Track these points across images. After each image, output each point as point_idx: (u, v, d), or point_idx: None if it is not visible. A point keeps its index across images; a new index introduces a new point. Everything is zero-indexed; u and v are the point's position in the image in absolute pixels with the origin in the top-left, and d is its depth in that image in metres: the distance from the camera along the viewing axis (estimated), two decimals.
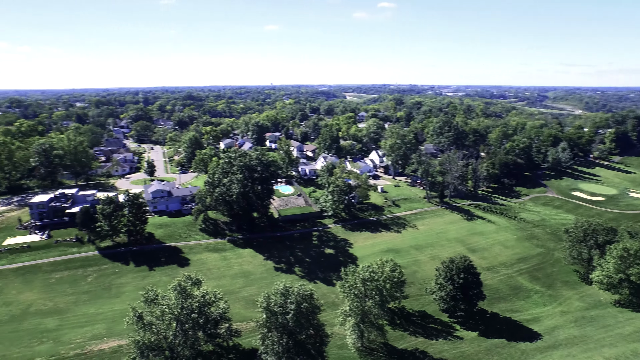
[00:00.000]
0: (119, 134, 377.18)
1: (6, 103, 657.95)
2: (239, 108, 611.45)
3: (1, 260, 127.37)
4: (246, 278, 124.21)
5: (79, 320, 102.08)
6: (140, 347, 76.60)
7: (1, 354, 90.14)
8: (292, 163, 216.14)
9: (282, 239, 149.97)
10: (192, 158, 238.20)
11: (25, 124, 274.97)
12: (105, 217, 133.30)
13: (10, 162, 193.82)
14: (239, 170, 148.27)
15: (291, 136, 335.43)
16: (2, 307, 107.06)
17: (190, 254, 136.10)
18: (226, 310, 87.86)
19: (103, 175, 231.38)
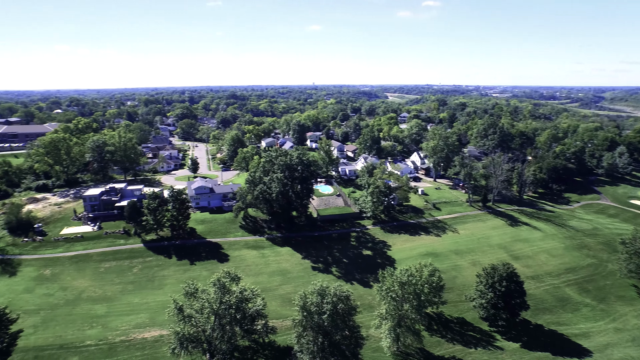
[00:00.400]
0: (166, 132, 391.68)
1: (67, 102, 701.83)
2: (281, 107, 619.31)
3: (59, 248, 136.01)
4: (283, 276, 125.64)
5: (125, 309, 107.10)
6: (180, 338, 79.36)
7: (58, 334, 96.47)
8: (332, 163, 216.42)
9: (320, 238, 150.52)
10: (234, 156, 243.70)
11: (82, 122, 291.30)
12: (150, 211, 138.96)
13: (68, 157, 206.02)
14: (280, 169, 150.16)
15: (332, 136, 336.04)
16: (59, 292, 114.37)
17: (229, 250, 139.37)
18: (263, 307, 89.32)
19: (150, 171, 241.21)
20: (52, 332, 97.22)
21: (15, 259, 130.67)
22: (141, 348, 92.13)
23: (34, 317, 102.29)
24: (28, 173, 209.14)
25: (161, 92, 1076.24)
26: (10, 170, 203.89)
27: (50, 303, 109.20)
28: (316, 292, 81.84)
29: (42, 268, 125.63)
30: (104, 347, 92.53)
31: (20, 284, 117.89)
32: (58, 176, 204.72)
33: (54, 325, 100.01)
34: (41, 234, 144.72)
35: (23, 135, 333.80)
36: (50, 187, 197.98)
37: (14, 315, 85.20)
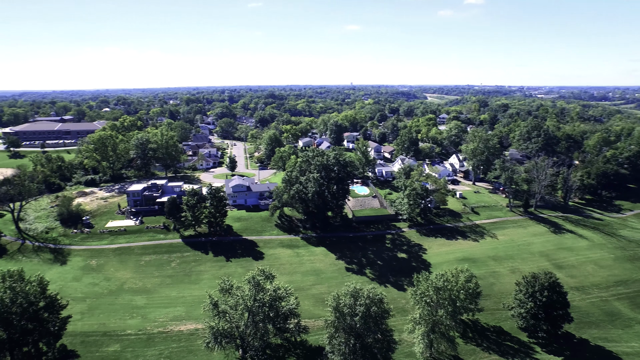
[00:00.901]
0: (205, 130, 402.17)
1: (114, 101, 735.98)
2: (319, 107, 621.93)
3: (104, 241, 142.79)
4: (317, 276, 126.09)
5: (163, 301, 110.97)
6: (215, 333, 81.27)
7: (101, 322, 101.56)
8: (368, 164, 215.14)
9: (354, 239, 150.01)
10: (271, 155, 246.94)
11: (127, 120, 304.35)
12: (189, 207, 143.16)
13: (115, 154, 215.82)
14: (316, 169, 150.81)
15: (369, 137, 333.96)
16: (103, 282, 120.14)
17: (264, 248, 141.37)
18: (296, 306, 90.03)
19: (189, 168, 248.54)
20: (96, 320, 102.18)
21: (66, 248, 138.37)
22: (177, 340, 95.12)
23: (81, 304, 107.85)
24: (78, 168, 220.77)
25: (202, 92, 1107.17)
26: (63, 165, 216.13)
27: (95, 292, 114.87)
28: (349, 293, 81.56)
29: (89, 258, 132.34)
30: (143, 337, 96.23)
31: (70, 272, 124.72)
32: (105, 172, 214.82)
33: (98, 313, 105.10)
34: (89, 226, 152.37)
35: (75, 132, 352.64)
36: (97, 181, 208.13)
37: (64, 301, 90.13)
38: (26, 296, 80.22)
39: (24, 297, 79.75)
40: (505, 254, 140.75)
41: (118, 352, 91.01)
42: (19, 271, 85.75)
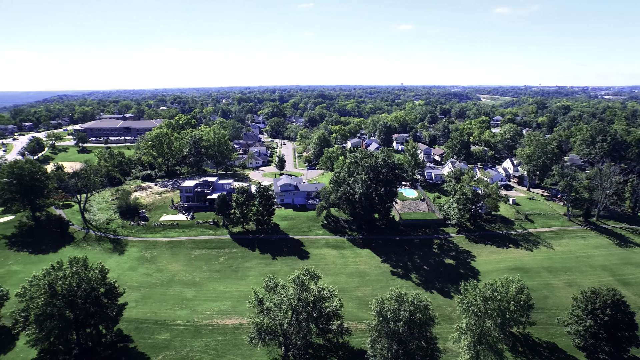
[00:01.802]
0: (256, 129, 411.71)
1: (170, 99, 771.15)
2: (368, 108, 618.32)
3: (157, 233, 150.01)
4: (362, 278, 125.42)
5: (210, 295, 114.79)
6: (259, 329, 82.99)
7: (153, 311, 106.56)
8: (418, 166, 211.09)
9: (401, 243, 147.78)
10: (319, 155, 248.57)
11: (182, 118, 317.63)
12: (238, 205, 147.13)
13: (170, 151, 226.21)
14: (364, 170, 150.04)
15: (419, 139, 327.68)
16: (156, 273, 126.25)
17: (310, 248, 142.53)
18: (339, 307, 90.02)
19: (239, 166, 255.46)
20: (149, 308, 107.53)
21: (124, 239, 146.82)
22: (223, 333, 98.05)
23: (136, 293, 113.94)
24: (137, 164, 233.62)
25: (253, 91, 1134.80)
26: (124, 160, 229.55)
27: (149, 282, 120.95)
28: (394, 298, 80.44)
29: (144, 250, 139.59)
30: (191, 328, 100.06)
31: (127, 262, 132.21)
32: (160, 167, 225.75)
33: (150, 302, 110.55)
34: (144, 219, 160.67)
35: (135, 129, 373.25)
36: (153, 177, 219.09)
37: (121, 289, 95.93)
38: (89, 282, 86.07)
39: (87, 283, 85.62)
40: (562, 266, 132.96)
41: (168, 340, 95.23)
42: (83, 258, 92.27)
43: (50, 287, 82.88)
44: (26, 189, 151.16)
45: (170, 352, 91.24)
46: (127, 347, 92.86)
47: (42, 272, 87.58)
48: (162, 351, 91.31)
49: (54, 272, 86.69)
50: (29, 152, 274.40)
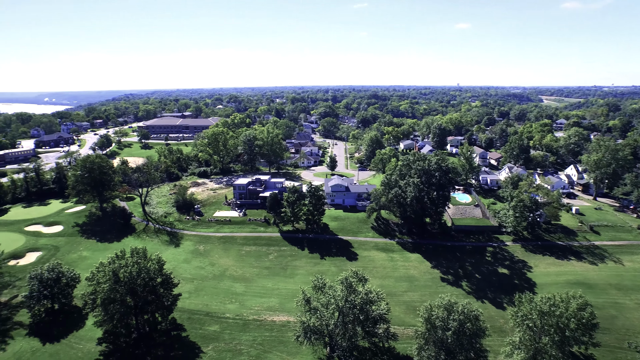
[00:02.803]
0: (308, 129, 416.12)
1: (227, 99, 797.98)
2: (422, 109, 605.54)
3: (211, 228, 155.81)
4: (410, 283, 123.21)
5: (259, 291, 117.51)
6: (305, 328, 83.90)
7: (205, 303, 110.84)
8: (472, 171, 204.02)
9: (452, 249, 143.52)
10: (371, 157, 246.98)
11: (237, 117, 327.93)
12: (289, 204, 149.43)
13: (225, 149, 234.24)
14: (417, 173, 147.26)
15: (474, 142, 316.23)
16: (208, 266, 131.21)
17: (359, 250, 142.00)
18: (386, 311, 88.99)
19: (291, 165, 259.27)
20: (201, 300, 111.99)
21: (179, 233, 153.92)
22: (270, 329, 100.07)
23: (189, 284, 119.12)
24: (193, 160, 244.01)
25: (307, 91, 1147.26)
26: (181, 157, 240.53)
27: (201, 275, 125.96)
28: (443, 306, 78.37)
29: (198, 244, 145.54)
30: (240, 322, 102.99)
31: (182, 254, 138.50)
32: (215, 165, 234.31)
33: (202, 294, 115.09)
34: (199, 214, 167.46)
35: (193, 127, 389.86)
36: (208, 173, 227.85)
37: (176, 280, 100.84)
38: (148, 272, 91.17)
39: (146, 273, 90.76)
40: (634, 284, 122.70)
41: (217, 332, 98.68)
42: (143, 249, 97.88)
43: (114, 274, 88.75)
44: (96, 181, 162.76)
45: (220, 343, 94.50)
46: (179, 336, 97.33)
47: (108, 260, 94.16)
48: (211, 342, 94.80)
49: (117, 261, 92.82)
50: (98, 147, 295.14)
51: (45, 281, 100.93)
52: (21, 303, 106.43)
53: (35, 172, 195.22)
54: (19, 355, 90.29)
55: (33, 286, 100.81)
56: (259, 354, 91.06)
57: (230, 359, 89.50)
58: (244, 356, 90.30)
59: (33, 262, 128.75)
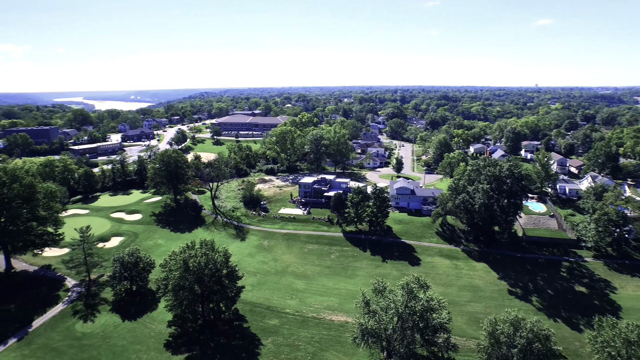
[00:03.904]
0: (375, 129, 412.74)
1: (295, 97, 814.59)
2: (495, 111, 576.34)
3: (275, 225, 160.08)
4: (474, 293, 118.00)
5: (319, 289, 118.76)
6: (363, 330, 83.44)
7: (266, 297, 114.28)
8: (549, 179, 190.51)
9: (522, 260, 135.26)
10: (439, 160, 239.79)
11: (305, 116, 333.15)
12: (353, 204, 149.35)
13: (292, 147, 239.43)
14: (486, 179, 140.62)
15: (552, 147, 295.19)
16: (271, 262, 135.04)
17: (422, 255, 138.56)
18: (447, 320, 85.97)
19: (357, 166, 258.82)
20: (262, 294, 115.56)
21: (246, 227, 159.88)
22: (328, 328, 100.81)
23: (252, 278, 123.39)
24: (261, 157, 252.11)
25: (375, 91, 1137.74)
26: (250, 154, 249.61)
27: (264, 269, 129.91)
28: (509, 321, 74.19)
29: (262, 239, 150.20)
30: (299, 318, 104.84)
31: (247, 249, 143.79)
32: (282, 162, 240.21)
33: (264, 289, 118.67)
34: (265, 210, 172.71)
35: (262, 125, 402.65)
36: (275, 171, 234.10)
37: (240, 273, 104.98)
38: (214, 263, 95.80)
39: (213, 264, 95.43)
40: None
41: (277, 326, 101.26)
42: (211, 241, 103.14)
43: (185, 263, 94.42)
44: (171, 175, 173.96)
45: (278, 337, 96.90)
46: (241, 326, 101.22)
47: (179, 249, 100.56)
48: (271, 336, 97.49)
49: (188, 251, 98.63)
50: (175, 142, 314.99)
51: (126, 264, 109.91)
52: (106, 282, 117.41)
53: (121, 164, 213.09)
54: (104, 328, 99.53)
55: (116, 268, 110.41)
56: (315, 352, 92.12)
57: (288, 353, 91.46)
58: (301, 352, 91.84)
59: (116, 246, 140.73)
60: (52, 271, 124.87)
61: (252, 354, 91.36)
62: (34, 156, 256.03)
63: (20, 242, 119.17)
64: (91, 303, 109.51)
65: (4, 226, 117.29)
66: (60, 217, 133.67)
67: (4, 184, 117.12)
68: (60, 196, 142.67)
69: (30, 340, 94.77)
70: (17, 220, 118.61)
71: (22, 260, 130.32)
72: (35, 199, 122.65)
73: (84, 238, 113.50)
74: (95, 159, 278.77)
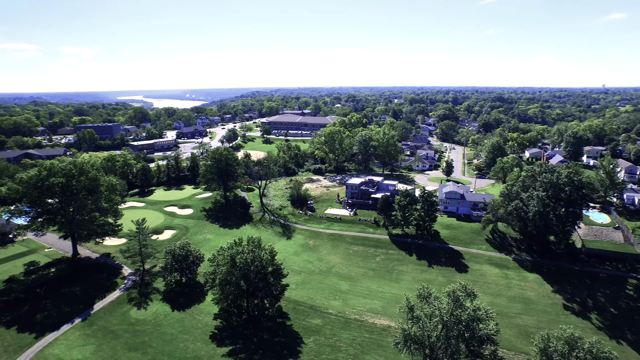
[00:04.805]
0: (425, 131, 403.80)
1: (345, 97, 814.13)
2: (555, 114, 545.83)
3: (321, 225, 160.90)
4: (525, 305, 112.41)
5: (363, 292, 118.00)
6: (406, 336, 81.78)
7: (310, 296, 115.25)
8: (614, 187, 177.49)
9: (581, 274, 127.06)
10: (491, 164, 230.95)
11: (354, 117, 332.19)
12: (400, 207, 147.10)
13: (340, 147, 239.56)
14: (542, 186, 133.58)
15: (620, 154, 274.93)
16: (316, 261, 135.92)
17: (470, 262, 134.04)
18: (495, 332, 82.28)
19: (405, 168, 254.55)
20: (306, 293, 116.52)
21: (292, 226, 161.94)
22: (370, 331, 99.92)
23: (297, 276, 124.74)
24: (309, 157, 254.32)
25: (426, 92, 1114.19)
26: (299, 153, 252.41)
27: (309, 269, 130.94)
28: (564, 339, 69.88)
29: (308, 238, 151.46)
30: (341, 319, 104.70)
31: (292, 247, 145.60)
32: (330, 163, 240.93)
33: (308, 288, 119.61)
34: (311, 209, 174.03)
35: (311, 124, 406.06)
36: (323, 171, 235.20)
37: (285, 271, 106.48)
38: (261, 260, 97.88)
39: (259, 261, 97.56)
40: None
41: (319, 326, 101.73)
42: (258, 239, 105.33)
43: (232, 259, 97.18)
44: (222, 172, 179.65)
45: (320, 337, 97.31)
46: (284, 324, 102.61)
47: (227, 245, 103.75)
48: (313, 335, 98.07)
49: (235, 247, 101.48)
50: (226, 140, 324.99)
51: (177, 257, 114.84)
52: (158, 272, 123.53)
53: (175, 160, 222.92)
54: (155, 316, 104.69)
55: (167, 259, 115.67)
56: (357, 354, 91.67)
57: (329, 354, 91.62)
58: (342, 354, 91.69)
59: (168, 239, 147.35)
60: (111, 259, 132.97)
61: (293, 351, 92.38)
62: (98, 151, 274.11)
63: (85, 231, 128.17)
64: (144, 292, 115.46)
65: (72, 215, 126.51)
66: (120, 209, 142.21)
67: (74, 176, 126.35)
68: (120, 189, 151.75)
69: (92, 321, 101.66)
70: (83, 211, 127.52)
71: (86, 247, 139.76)
72: (98, 191, 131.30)
73: (140, 230, 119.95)
74: (151, 154, 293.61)
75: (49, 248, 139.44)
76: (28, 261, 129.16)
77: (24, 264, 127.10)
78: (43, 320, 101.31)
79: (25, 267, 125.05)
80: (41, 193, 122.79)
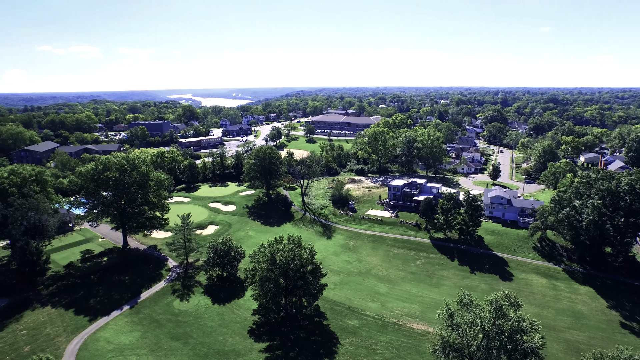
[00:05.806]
0: (472, 133, 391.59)
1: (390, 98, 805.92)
2: (616, 116, 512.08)
3: (362, 226, 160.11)
4: (575, 319, 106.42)
5: (401, 295, 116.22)
6: (444, 343, 79.63)
7: (348, 297, 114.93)
8: None
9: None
10: (542, 169, 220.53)
11: (399, 118, 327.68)
12: (443, 211, 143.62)
13: (383, 148, 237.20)
14: (598, 194, 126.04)
15: None
16: (355, 262, 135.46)
17: (515, 270, 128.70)
18: (540, 345, 78.47)
19: (450, 170, 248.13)
20: (344, 294, 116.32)
21: (333, 226, 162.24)
22: (407, 336, 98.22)
23: (335, 277, 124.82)
24: (352, 157, 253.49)
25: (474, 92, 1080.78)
26: (342, 153, 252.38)
27: (348, 269, 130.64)
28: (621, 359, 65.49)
29: (348, 239, 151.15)
30: (379, 321, 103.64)
31: (332, 247, 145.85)
32: (373, 163, 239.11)
33: (347, 288, 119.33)
34: (353, 210, 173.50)
35: (355, 125, 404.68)
36: (365, 171, 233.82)
37: (324, 271, 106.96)
38: (300, 259, 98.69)
39: (299, 260, 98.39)
40: None
41: (356, 327, 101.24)
42: (298, 237, 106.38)
43: (272, 256, 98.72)
44: (265, 170, 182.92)
45: (357, 339, 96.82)
46: (321, 323, 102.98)
47: (268, 242, 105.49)
48: (349, 336, 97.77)
49: (276, 245, 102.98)
50: (270, 139, 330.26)
51: (219, 252, 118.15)
52: (201, 266, 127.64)
53: (220, 158, 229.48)
54: (197, 308, 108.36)
55: (210, 254, 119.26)
56: (393, 358, 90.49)
57: (365, 356, 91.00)
58: (379, 356, 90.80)
59: (211, 234, 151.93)
60: (158, 251, 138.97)
61: (329, 351, 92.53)
62: (149, 147, 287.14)
63: (135, 223, 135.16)
64: (187, 284, 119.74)
65: (124, 208, 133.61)
66: (167, 203, 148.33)
67: (126, 171, 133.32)
68: (167, 185, 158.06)
69: (139, 310, 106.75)
70: (133, 204, 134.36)
71: (135, 239, 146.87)
72: (148, 186, 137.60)
73: (185, 224, 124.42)
74: (198, 151, 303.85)
75: (102, 238, 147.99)
76: (84, 249, 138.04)
77: (81, 252, 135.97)
78: (96, 305, 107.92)
79: (81, 255, 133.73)
80: (97, 186, 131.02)
